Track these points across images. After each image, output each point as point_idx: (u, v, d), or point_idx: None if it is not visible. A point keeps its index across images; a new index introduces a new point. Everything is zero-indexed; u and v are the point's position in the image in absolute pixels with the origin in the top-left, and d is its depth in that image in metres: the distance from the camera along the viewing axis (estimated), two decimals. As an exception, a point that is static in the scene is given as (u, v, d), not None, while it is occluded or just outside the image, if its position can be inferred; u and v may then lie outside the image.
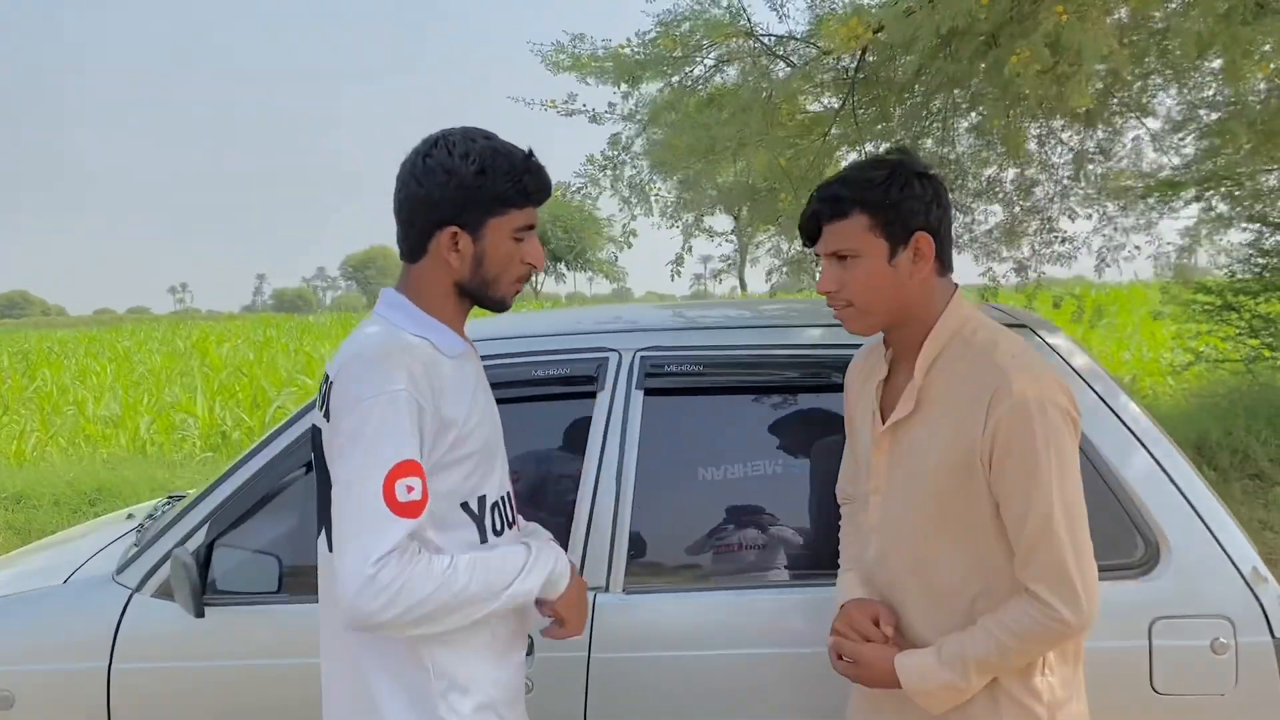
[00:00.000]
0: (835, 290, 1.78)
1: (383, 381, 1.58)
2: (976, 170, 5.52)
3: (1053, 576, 1.65)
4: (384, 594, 1.52)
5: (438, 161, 1.66)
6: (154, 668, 2.46)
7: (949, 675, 1.71)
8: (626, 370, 2.55)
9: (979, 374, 1.71)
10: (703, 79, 5.17)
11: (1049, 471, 1.64)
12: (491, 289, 1.74)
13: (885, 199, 1.72)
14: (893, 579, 1.86)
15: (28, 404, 13.94)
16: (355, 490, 1.56)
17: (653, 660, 2.34)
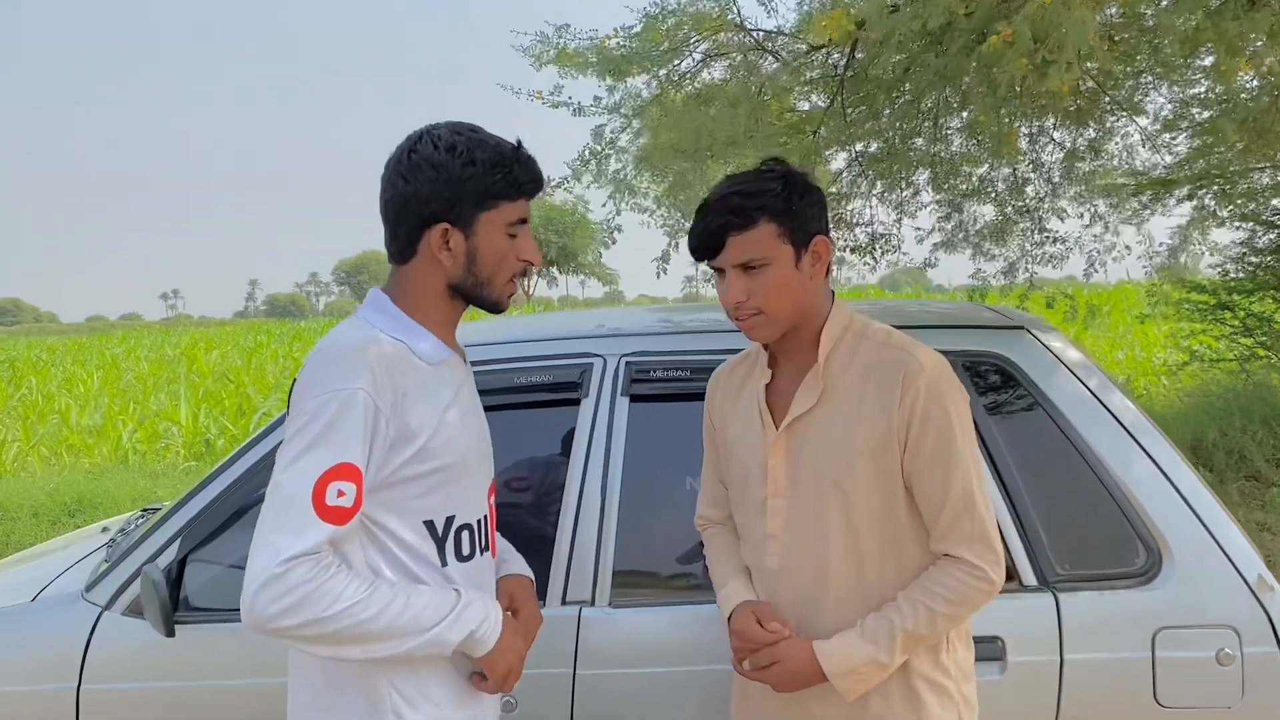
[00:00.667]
0: (744, 300, 1.75)
1: (341, 378, 1.50)
2: (968, 169, 5.46)
3: (977, 541, 1.71)
4: (287, 598, 1.41)
5: (424, 156, 1.58)
6: (124, 689, 2.37)
7: (874, 651, 1.71)
8: (611, 376, 2.48)
9: (883, 357, 1.75)
10: (690, 74, 5.10)
11: (963, 441, 1.71)
12: (486, 288, 1.66)
13: (789, 206, 1.73)
14: (804, 584, 1.81)
15: (12, 413, 13.79)
16: (286, 484, 1.46)
17: (640, 677, 2.27)
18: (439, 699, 1.64)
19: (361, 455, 1.49)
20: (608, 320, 2.80)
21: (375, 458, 1.52)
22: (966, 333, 2.48)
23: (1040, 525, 2.26)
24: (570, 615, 2.31)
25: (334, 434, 1.47)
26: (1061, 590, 2.22)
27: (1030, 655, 2.19)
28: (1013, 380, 2.38)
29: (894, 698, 1.76)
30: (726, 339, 2.48)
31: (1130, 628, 2.18)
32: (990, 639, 2.18)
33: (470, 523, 1.69)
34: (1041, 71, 3.07)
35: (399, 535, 1.59)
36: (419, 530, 1.61)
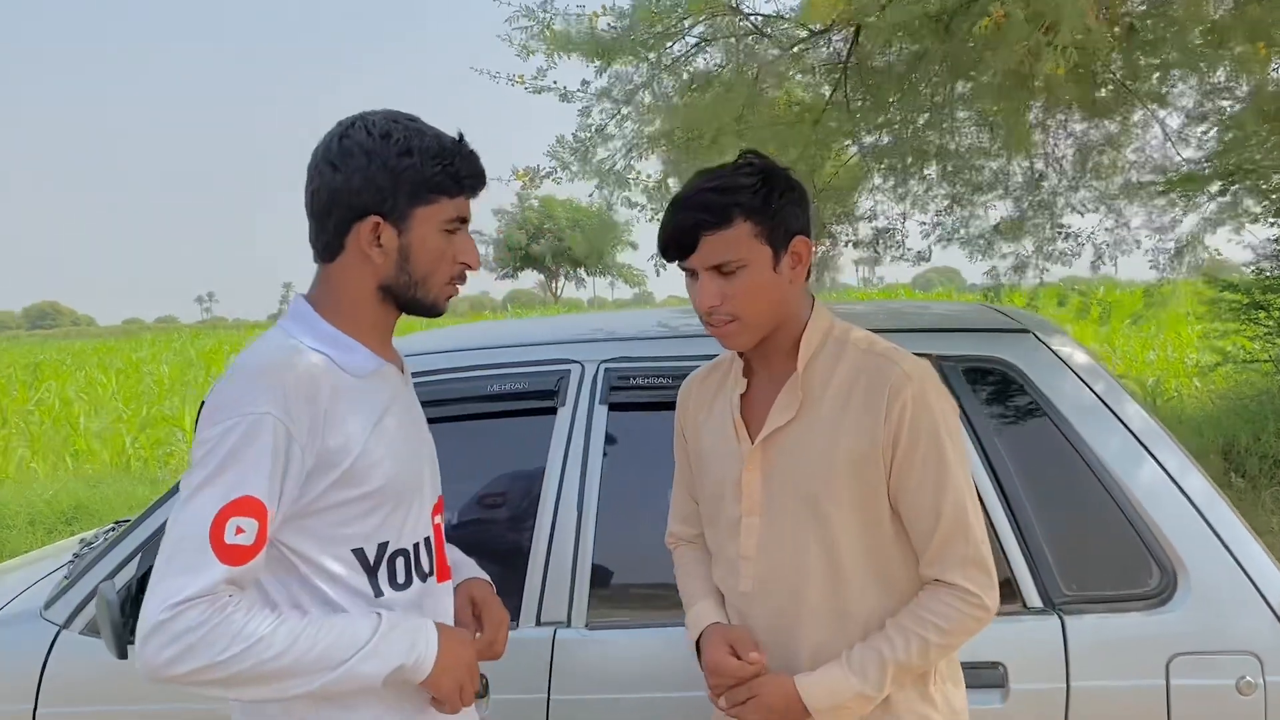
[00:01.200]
0: (718, 305, 1.61)
1: (250, 402, 1.36)
2: (979, 163, 5.28)
3: (970, 565, 1.59)
4: (175, 644, 1.29)
5: (356, 143, 1.45)
6: (80, 712, 2.28)
7: (861, 685, 1.59)
8: (590, 383, 2.35)
9: (867, 365, 1.63)
10: (684, 58, 4.92)
11: (954, 456, 1.60)
12: (421, 290, 1.52)
13: (768, 204, 1.59)
14: (779, 609, 1.68)
15: (27, 417, 13.77)
16: (181, 521, 1.34)
17: (618, 703, 2.15)
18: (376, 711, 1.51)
19: (267, 488, 1.35)
20: (589, 324, 2.68)
21: (289, 488, 1.39)
22: (968, 336, 2.33)
23: (1045, 542, 2.12)
24: (545, 637, 2.19)
25: (236, 465, 1.34)
26: (1068, 612, 2.08)
27: (1034, 683, 2.04)
28: (1017, 386, 2.24)
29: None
30: (710, 344, 2.34)
31: (1143, 653, 2.04)
32: (990, 665, 2.05)
33: (406, 548, 1.54)
34: (1036, 54, 2.92)
35: (324, 567, 1.46)
36: (347, 560, 1.47)
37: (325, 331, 1.49)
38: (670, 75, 4.91)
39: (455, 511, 2.37)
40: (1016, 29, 2.93)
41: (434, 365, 2.43)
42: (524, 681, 2.16)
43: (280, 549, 1.44)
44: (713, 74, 4.82)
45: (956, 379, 2.24)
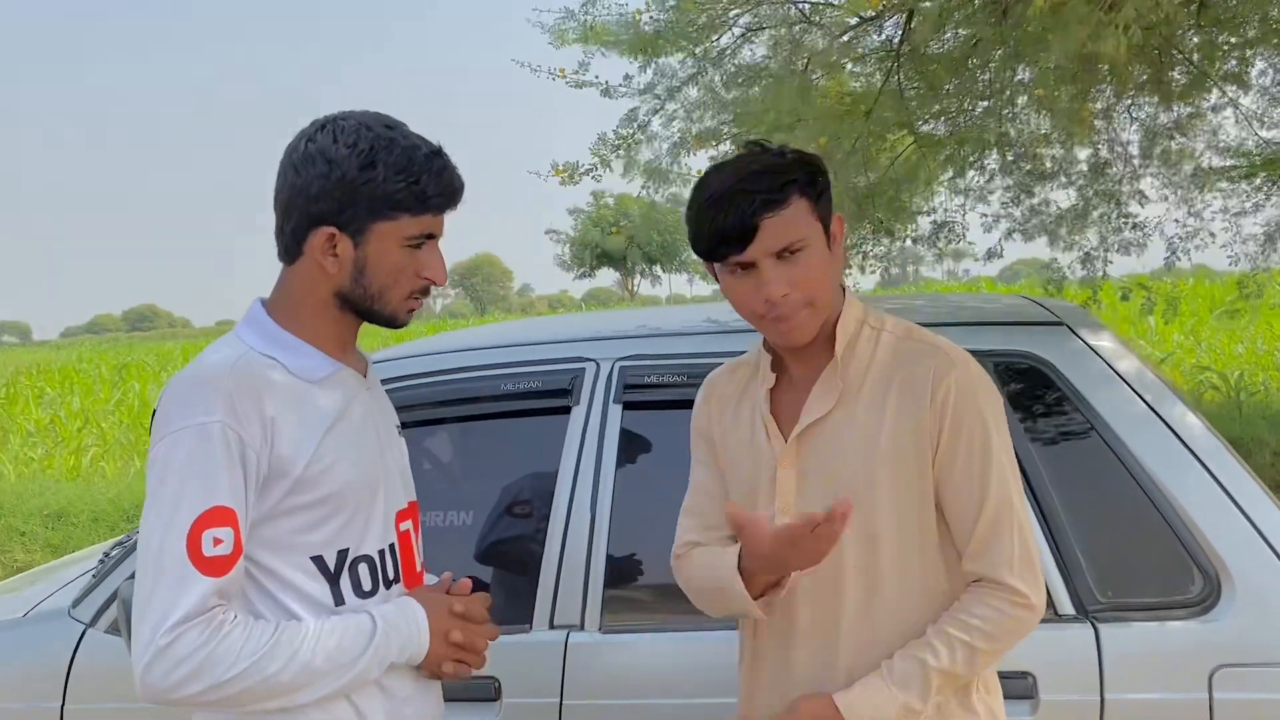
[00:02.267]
0: (789, 292, 1.50)
1: (195, 410, 1.34)
2: (1041, 151, 5.08)
3: (1018, 561, 1.51)
4: (179, 669, 1.29)
5: (319, 148, 1.40)
6: (106, 709, 2.31)
7: (905, 697, 1.49)
8: (604, 382, 2.31)
9: (910, 355, 1.56)
10: (730, 50, 4.81)
11: (1000, 449, 1.52)
12: (377, 303, 1.48)
13: (814, 179, 1.51)
14: (818, 607, 1.58)
15: (107, 417, 14.24)
16: (155, 539, 1.32)
17: (632, 709, 2.10)
18: None
19: (231, 494, 1.34)
20: (605, 322, 2.64)
21: (251, 493, 1.37)
22: (999, 330, 2.24)
23: (1078, 547, 2.02)
24: (558, 640, 2.15)
25: (195, 476, 1.32)
26: (1102, 621, 1.97)
27: (1065, 694, 1.95)
28: (1049, 382, 2.13)
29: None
30: (729, 340, 2.28)
31: (1183, 665, 1.93)
32: (1019, 674, 1.95)
33: (370, 554, 1.51)
34: (1098, 35, 2.78)
35: (281, 575, 1.43)
36: (306, 569, 1.44)
37: (276, 335, 1.46)
38: (716, 68, 4.82)
39: (469, 512, 2.35)
40: (1076, 9, 2.79)
41: (447, 365, 2.41)
42: (537, 685, 2.13)
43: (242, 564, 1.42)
44: (760, 65, 4.71)
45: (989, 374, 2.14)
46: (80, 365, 25.95)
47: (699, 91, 4.91)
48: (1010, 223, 5.63)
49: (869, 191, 5.06)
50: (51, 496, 7.08)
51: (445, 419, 2.42)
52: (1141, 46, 3.07)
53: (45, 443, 12.06)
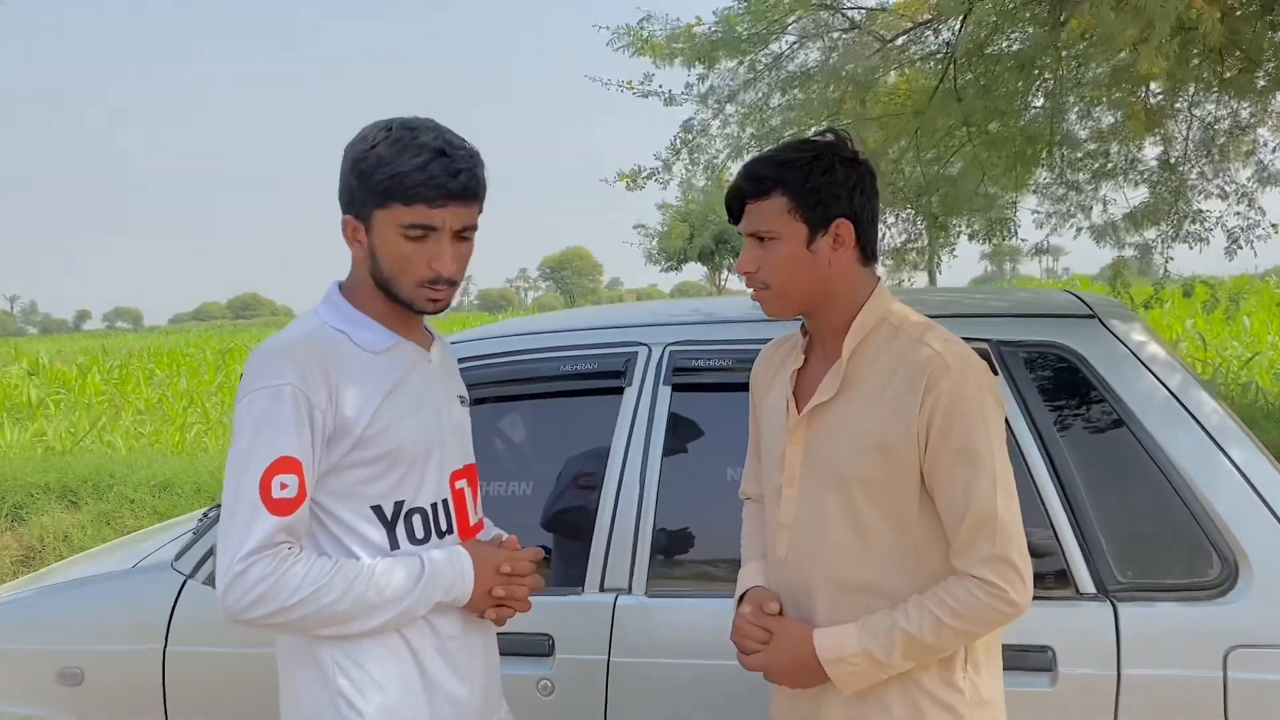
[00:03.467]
0: (753, 271, 1.70)
1: (270, 374, 1.55)
2: (1095, 147, 5.04)
3: (999, 562, 1.57)
4: (251, 592, 1.49)
5: (349, 145, 1.61)
6: (202, 652, 2.55)
7: (869, 643, 1.61)
8: (655, 365, 2.46)
9: (912, 355, 1.64)
10: (785, 56, 4.91)
11: (988, 454, 1.58)
12: (393, 287, 1.63)
13: (805, 182, 1.64)
14: (807, 578, 1.72)
15: (211, 397, 15.01)
16: (234, 484, 1.54)
17: (674, 668, 2.25)
18: (388, 688, 1.65)
19: (297, 446, 1.53)
20: (658, 309, 2.79)
21: (318, 446, 1.57)
22: (1030, 322, 2.32)
23: (1100, 528, 2.10)
24: (607, 602, 2.31)
25: (268, 430, 1.52)
26: (1121, 600, 2.06)
27: (1083, 668, 2.04)
28: (1077, 372, 2.21)
29: (896, 711, 1.65)
30: (771, 328, 2.42)
31: (1198, 644, 2.00)
32: (1040, 648, 2.05)
33: (423, 506, 1.69)
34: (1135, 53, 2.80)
35: (346, 521, 1.63)
36: (366, 516, 1.64)
37: (347, 312, 1.67)
38: (771, 73, 4.92)
39: (529, 483, 2.53)
40: (1110, 27, 2.82)
41: (512, 347, 2.59)
42: (586, 643, 2.30)
43: (311, 505, 1.61)
44: (812, 70, 4.80)
45: (1016, 364, 2.24)
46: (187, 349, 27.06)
47: (755, 95, 5.02)
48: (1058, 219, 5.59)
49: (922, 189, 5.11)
50: (159, 468, 7.54)
51: (509, 396, 2.60)
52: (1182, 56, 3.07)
53: (154, 420, 12.76)
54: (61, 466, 7.45)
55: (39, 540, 6.48)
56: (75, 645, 2.66)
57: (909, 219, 5.86)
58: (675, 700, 2.24)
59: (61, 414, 13.73)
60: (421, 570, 1.63)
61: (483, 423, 2.40)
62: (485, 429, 2.44)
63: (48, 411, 14.14)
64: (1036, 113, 4.74)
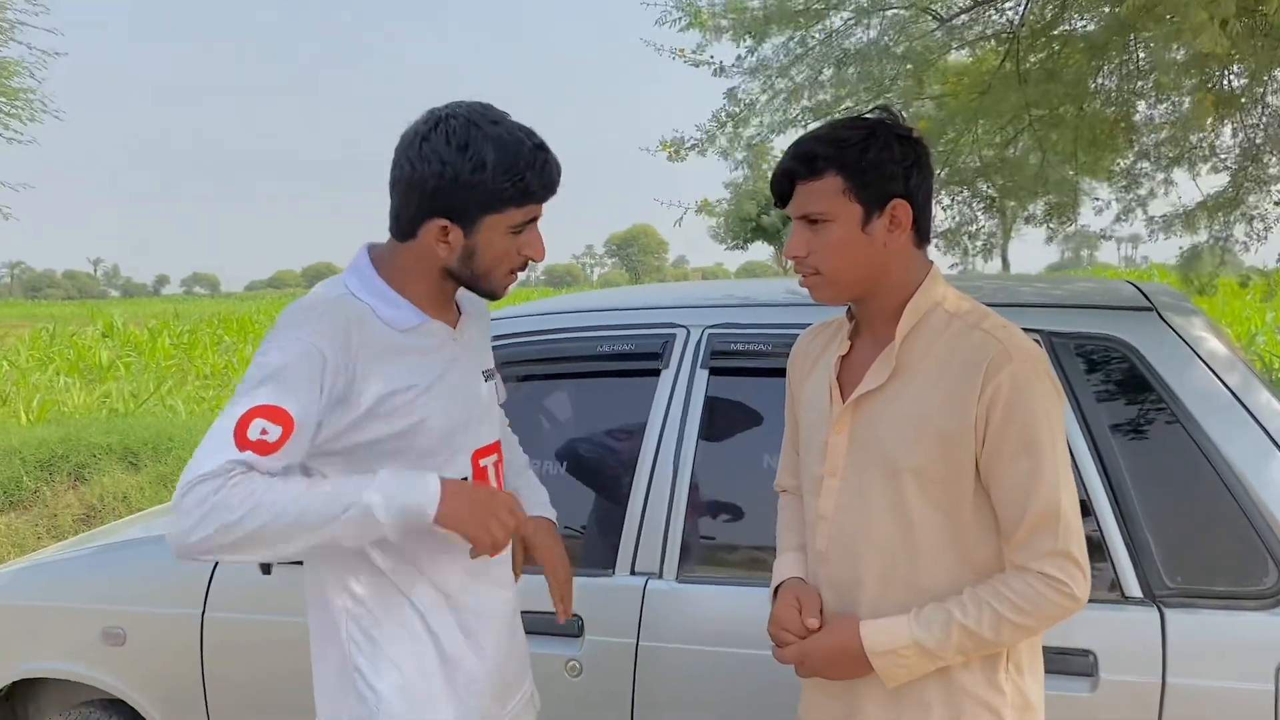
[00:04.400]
0: (803, 256, 1.62)
1: (292, 329, 1.53)
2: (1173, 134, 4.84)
3: (1061, 557, 1.52)
4: (190, 516, 1.40)
5: (434, 149, 1.54)
6: (236, 618, 2.59)
7: (922, 635, 1.54)
8: (693, 348, 2.42)
9: (970, 342, 1.57)
10: (841, 31, 4.78)
11: (1050, 447, 1.52)
12: (483, 282, 1.65)
13: (861, 160, 1.56)
14: (848, 571, 1.66)
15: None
16: (217, 421, 1.49)
17: (703, 654, 2.22)
18: (404, 667, 1.65)
19: (299, 404, 1.48)
20: (698, 291, 2.75)
21: (321, 409, 1.52)
22: (1084, 313, 2.23)
23: (1150, 531, 2.01)
24: (637, 585, 2.29)
25: (272, 381, 1.48)
26: (1169, 606, 1.98)
27: (1127, 674, 1.96)
28: (1131, 366, 2.12)
29: (935, 709, 1.59)
30: (813, 312, 2.35)
31: (1249, 656, 1.92)
32: (1082, 652, 1.98)
33: None
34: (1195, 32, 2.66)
35: None
36: None
37: (375, 285, 1.64)
38: (823, 49, 4.80)
39: (562, 461, 2.50)
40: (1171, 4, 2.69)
41: (551, 325, 2.57)
42: (616, 626, 2.28)
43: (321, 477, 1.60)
44: (868, 47, 4.67)
45: (1068, 356, 2.16)
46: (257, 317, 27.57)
47: (806, 70, 4.90)
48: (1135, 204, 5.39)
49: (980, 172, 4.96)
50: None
51: (545, 375, 2.58)
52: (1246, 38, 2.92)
53: (217, 385, 13.02)
54: (124, 428, 7.63)
55: (99, 500, 6.65)
56: (120, 606, 2.71)
57: (965, 201, 5.71)
58: (703, 685, 2.22)
59: (131, 376, 14.08)
60: (376, 473, 1.53)
61: (519, 401, 2.39)
62: (521, 407, 2.42)
63: (118, 374, 14.51)
64: (1105, 97, 4.56)
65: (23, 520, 6.52)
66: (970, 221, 5.62)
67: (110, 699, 2.83)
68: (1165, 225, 5.16)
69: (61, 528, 6.40)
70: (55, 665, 2.79)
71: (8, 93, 11.28)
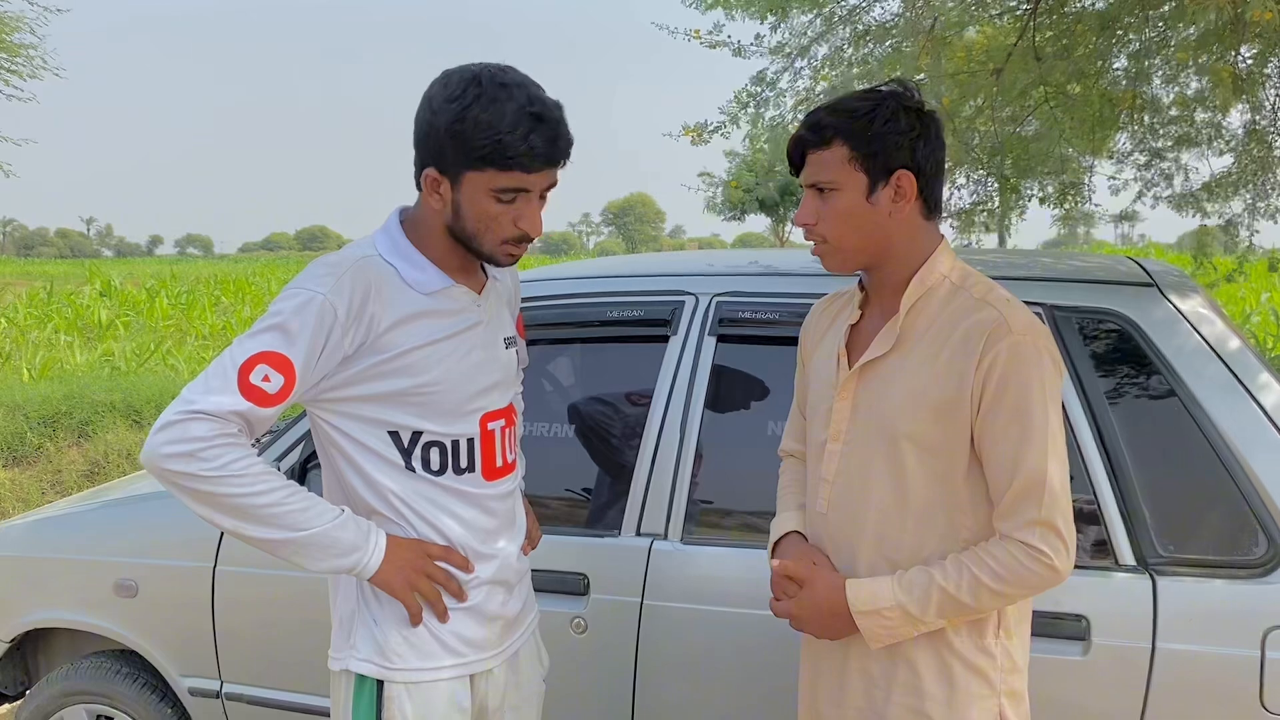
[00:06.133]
0: (812, 224, 1.66)
1: (311, 282, 1.57)
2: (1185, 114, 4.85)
3: (1044, 527, 1.55)
4: (179, 445, 1.49)
5: (430, 98, 1.57)
6: (246, 572, 2.64)
7: (904, 598, 1.60)
8: (701, 315, 2.46)
9: (972, 314, 1.61)
10: (860, 8, 4.77)
11: (1042, 418, 1.55)
12: (474, 242, 1.65)
13: (867, 130, 1.60)
14: (847, 533, 1.71)
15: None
16: (225, 354, 1.54)
17: (706, 614, 2.28)
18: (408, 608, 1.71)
19: (302, 355, 1.54)
20: (707, 259, 2.78)
21: (324, 363, 1.57)
22: (1086, 288, 2.27)
23: (1144, 500, 2.07)
24: (642, 546, 2.34)
25: (283, 328, 1.54)
26: (1161, 573, 2.03)
27: (1118, 639, 2.02)
28: (1130, 340, 2.17)
29: (925, 671, 1.64)
30: (821, 282, 2.40)
31: (1237, 622, 1.97)
32: (1074, 617, 2.04)
33: (442, 440, 1.70)
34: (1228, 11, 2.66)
35: (360, 440, 1.67)
36: (382, 438, 1.67)
37: (402, 247, 1.67)
38: (846, 25, 4.78)
39: (571, 424, 2.55)
40: None
41: (562, 290, 2.61)
42: (621, 584, 2.33)
43: (327, 428, 1.67)
44: (888, 24, 4.66)
45: (1069, 330, 2.20)
46: (253, 278, 27.55)
47: (827, 50, 4.89)
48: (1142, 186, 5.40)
49: (996, 149, 4.96)
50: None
51: (555, 340, 2.62)
52: None
53: (217, 346, 13.06)
54: (127, 386, 7.67)
55: (103, 456, 6.70)
56: (132, 558, 2.76)
57: (980, 179, 5.71)
58: (705, 643, 2.28)
59: (130, 336, 14.10)
60: (339, 512, 1.63)
61: (530, 365, 2.43)
62: (532, 371, 2.46)
63: (117, 333, 14.52)
64: (1118, 74, 4.56)
65: (27, 475, 6.58)
66: (985, 200, 5.62)
67: (121, 650, 2.89)
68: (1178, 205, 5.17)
69: (66, 483, 6.46)
70: (68, 615, 2.85)
71: (9, 49, 11.21)
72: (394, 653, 1.70)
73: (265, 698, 2.66)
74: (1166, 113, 4.89)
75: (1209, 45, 3.82)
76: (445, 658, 1.74)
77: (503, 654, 1.84)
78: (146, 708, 2.80)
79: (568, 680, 2.32)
